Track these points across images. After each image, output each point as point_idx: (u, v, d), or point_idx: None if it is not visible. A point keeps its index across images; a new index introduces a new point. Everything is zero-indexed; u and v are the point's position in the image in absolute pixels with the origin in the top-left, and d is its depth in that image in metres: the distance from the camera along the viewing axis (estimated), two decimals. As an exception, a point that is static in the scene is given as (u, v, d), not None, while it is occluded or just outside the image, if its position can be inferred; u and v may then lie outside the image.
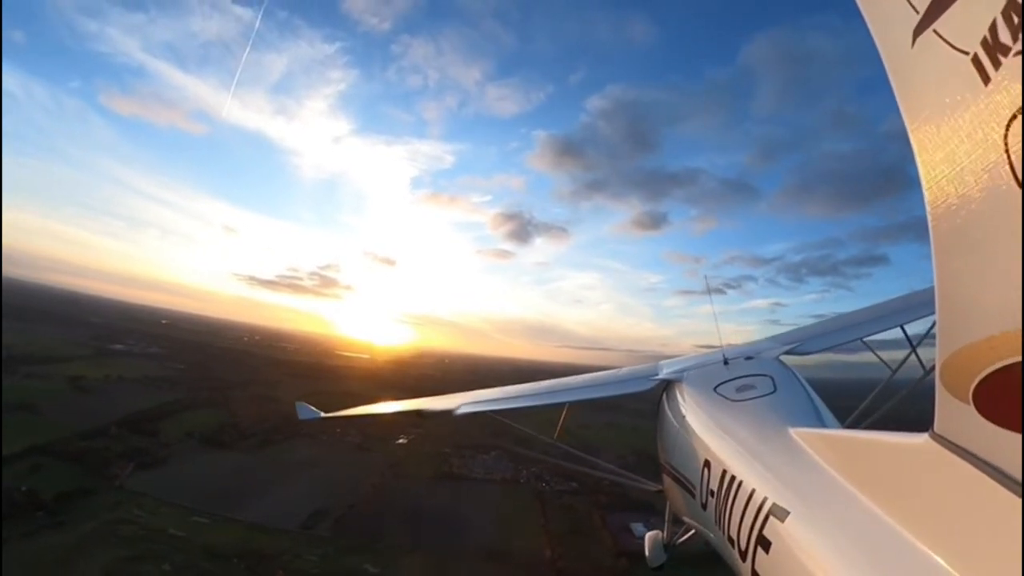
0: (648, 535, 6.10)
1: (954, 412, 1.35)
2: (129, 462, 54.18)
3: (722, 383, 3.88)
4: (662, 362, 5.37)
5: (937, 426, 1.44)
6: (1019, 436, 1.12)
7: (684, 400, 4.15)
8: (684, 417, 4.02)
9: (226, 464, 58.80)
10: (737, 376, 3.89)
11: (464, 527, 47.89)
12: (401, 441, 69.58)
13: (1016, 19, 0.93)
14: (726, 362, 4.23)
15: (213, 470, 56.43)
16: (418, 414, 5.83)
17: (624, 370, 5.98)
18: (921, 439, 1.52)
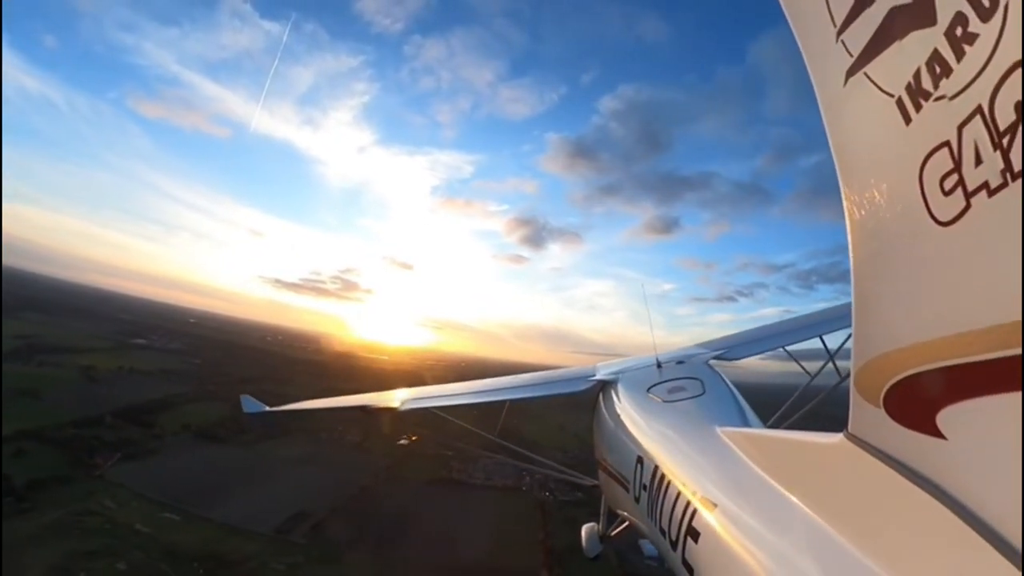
0: (584, 527, 6.32)
1: (866, 415, 1.47)
2: (115, 452, 51.96)
3: (655, 385, 4.00)
4: (599, 364, 5.44)
5: (851, 427, 1.56)
6: (923, 436, 1.25)
7: (619, 400, 4.29)
8: (619, 416, 4.16)
9: (217, 458, 55.77)
10: (669, 379, 4.00)
11: (454, 540, 42.00)
12: (403, 442, 64.68)
13: (938, 69, 1.04)
14: (659, 365, 4.32)
15: (201, 464, 53.42)
16: (362, 409, 5.74)
17: (563, 371, 6.16)
18: (836, 438, 1.63)
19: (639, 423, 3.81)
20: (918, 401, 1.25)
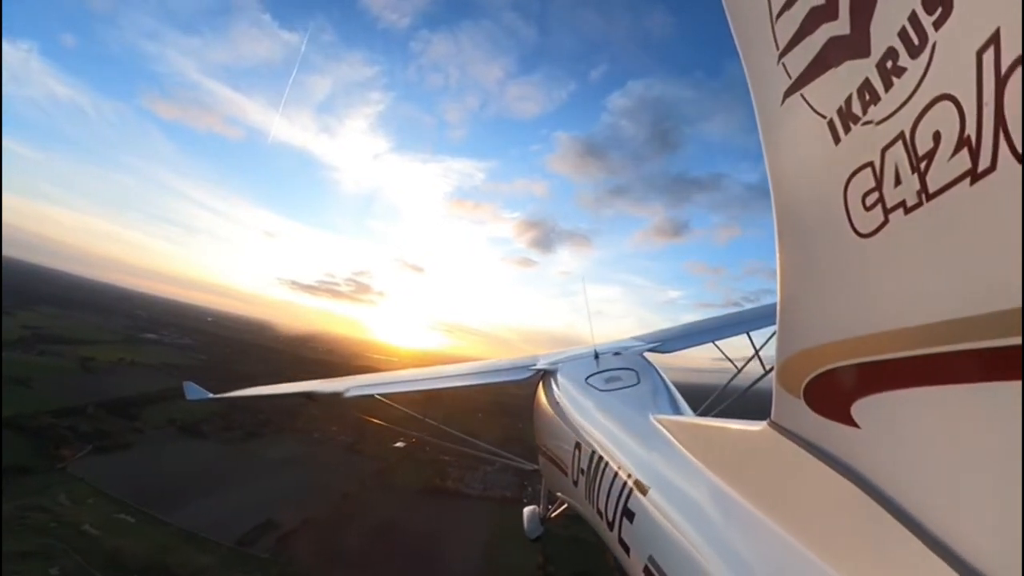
0: (526, 509, 6.38)
1: (788, 405, 1.61)
2: (87, 444, 48.28)
3: (592, 375, 4.17)
4: (540, 355, 5.67)
5: (774, 416, 1.70)
6: (838, 425, 1.41)
7: (559, 389, 4.44)
8: (558, 404, 4.30)
9: (195, 456, 51.36)
10: (606, 369, 4.19)
11: (440, 561, 35.42)
12: (399, 445, 58.69)
13: (868, 96, 1.16)
14: (597, 356, 4.46)
15: (177, 461, 48.99)
16: (308, 396, 5.62)
17: (505, 360, 6.27)
18: (760, 426, 1.77)
19: (577, 411, 3.93)
20: (834, 393, 1.40)
